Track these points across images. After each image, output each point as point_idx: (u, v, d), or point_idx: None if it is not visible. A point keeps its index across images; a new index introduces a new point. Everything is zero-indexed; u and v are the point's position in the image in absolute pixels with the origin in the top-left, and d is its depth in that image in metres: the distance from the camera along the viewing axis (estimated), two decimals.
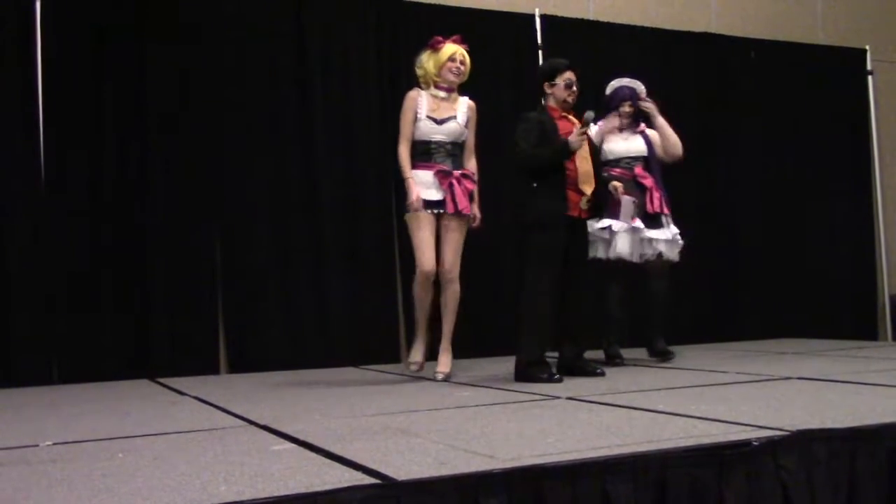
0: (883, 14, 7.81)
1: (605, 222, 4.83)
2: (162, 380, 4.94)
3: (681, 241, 5.05)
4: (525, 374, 4.22)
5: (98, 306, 5.15)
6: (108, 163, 5.23)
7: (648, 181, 4.98)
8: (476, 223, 4.48)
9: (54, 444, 2.84)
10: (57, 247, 5.08)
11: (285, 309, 5.58)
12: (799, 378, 4.06)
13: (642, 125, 5.15)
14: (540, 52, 6.43)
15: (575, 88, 4.49)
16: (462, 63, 4.46)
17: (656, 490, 2.22)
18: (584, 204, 4.42)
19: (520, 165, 4.40)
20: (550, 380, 4.12)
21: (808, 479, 2.39)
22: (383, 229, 5.81)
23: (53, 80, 5.13)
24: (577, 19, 6.59)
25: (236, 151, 5.53)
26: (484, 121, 4.63)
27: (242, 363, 5.43)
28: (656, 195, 4.97)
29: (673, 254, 5.02)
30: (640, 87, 5.12)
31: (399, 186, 4.73)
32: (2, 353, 4.94)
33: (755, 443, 2.38)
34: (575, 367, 4.42)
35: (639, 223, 4.87)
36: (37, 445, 2.82)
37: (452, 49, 4.44)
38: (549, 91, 4.51)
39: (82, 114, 5.19)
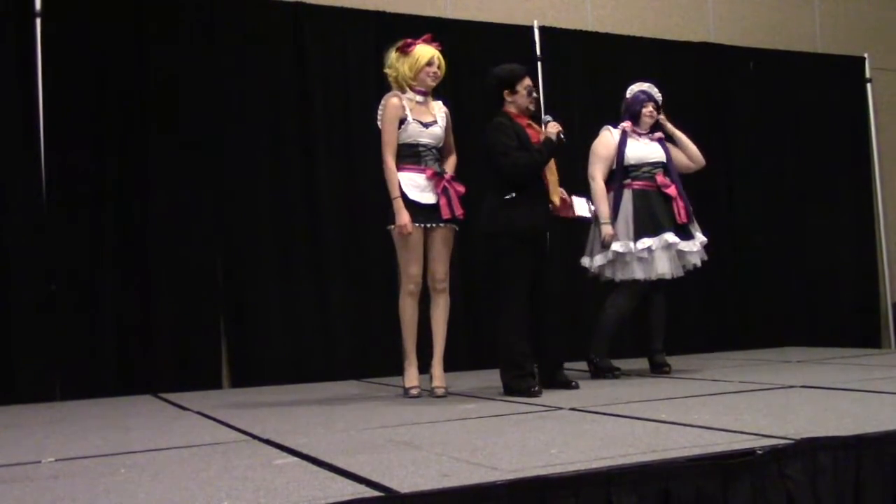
0: (881, 22, 7.83)
1: (645, 242, 4.79)
2: (164, 395, 4.93)
3: (705, 240, 5.01)
4: (510, 387, 4.18)
5: (100, 322, 5.15)
6: (108, 179, 5.24)
7: (672, 190, 4.92)
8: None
9: (56, 460, 2.83)
10: (58, 262, 5.08)
11: (287, 323, 5.57)
12: (803, 386, 4.05)
13: (660, 133, 5.10)
14: (539, 63, 6.45)
15: (534, 94, 4.43)
16: (439, 67, 4.38)
17: (660, 500, 2.21)
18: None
19: (511, 175, 4.20)
20: (531, 394, 4.05)
21: (813, 487, 2.39)
22: (385, 242, 5.80)
23: (53, 96, 5.14)
24: (575, 31, 6.61)
25: (238, 165, 5.54)
26: (480, 132, 4.60)
27: (245, 378, 5.42)
28: (681, 204, 4.91)
29: (701, 258, 5.01)
30: (657, 94, 5.11)
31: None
32: (4, 370, 4.94)
33: (760, 452, 2.37)
34: (553, 381, 4.34)
35: (674, 237, 4.82)
36: (39, 462, 2.81)
37: (429, 53, 4.35)
38: (509, 99, 4.37)
39: (83, 129, 5.20)
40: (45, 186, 5.10)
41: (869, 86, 7.62)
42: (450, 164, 4.46)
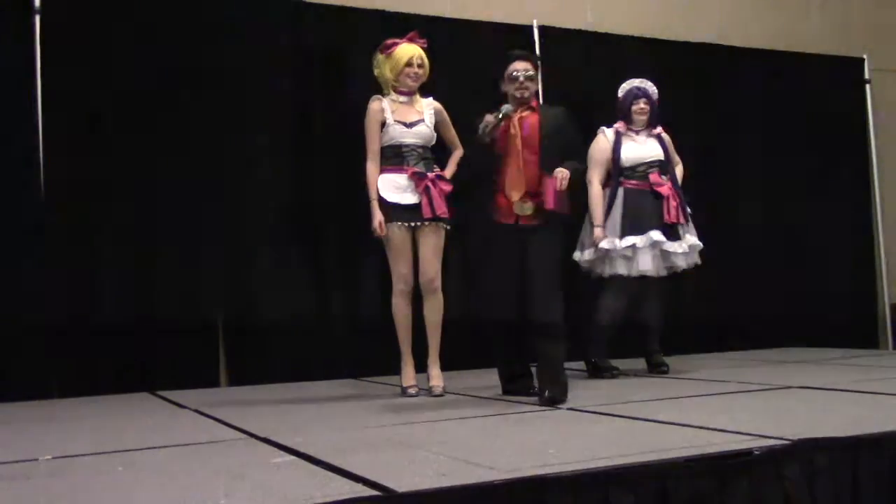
0: (881, 23, 7.83)
1: (629, 240, 4.80)
2: (162, 393, 4.92)
3: (699, 245, 5.00)
4: (506, 390, 4.15)
5: (97, 319, 5.14)
6: (107, 177, 5.23)
7: (664, 189, 4.90)
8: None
9: (54, 458, 2.83)
10: (56, 260, 5.07)
11: (285, 321, 5.56)
12: (800, 387, 4.05)
13: (658, 128, 5.09)
14: (538, 63, 6.43)
15: (522, 79, 4.04)
16: (420, 66, 4.35)
17: (658, 500, 2.21)
18: (520, 210, 3.98)
19: (473, 183, 4.18)
20: (528, 394, 3.99)
21: (810, 488, 2.39)
22: (381, 242, 5.81)
23: (52, 93, 5.12)
24: (575, 30, 6.60)
25: (237, 164, 5.53)
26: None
27: (243, 376, 5.41)
28: (672, 204, 4.88)
29: (691, 262, 5.00)
30: (652, 89, 5.09)
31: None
32: (1, 367, 4.93)
33: (757, 452, 2.37)
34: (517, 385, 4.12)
35: (659, 236, 4.82)
36: (36, 460, 2.81)
37: (409, 53, 4.33)
38: (504, 90, 4.13)
39: (81, 127, 5.19)
40: (44, 184, 5.09)
41: (868, 87, 7.62)
42: (453, 159, 4.46)
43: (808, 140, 7.30)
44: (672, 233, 4.90)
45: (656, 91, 5.12)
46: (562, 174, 3.90)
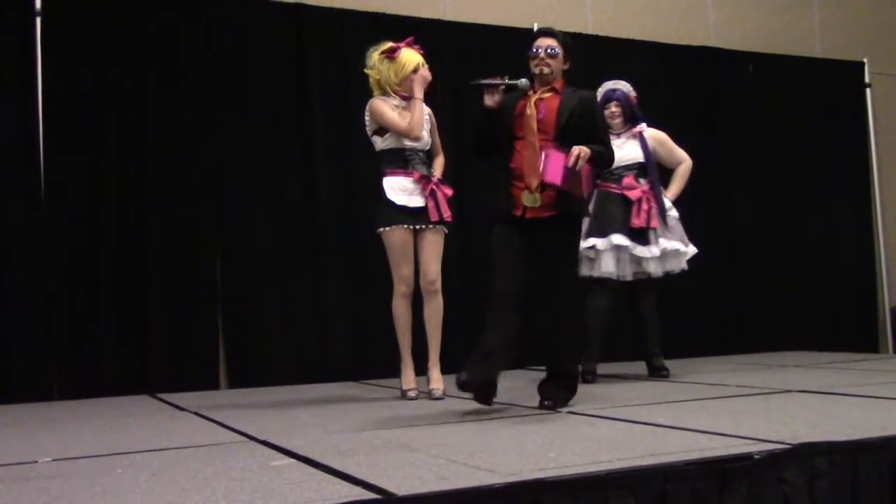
0: (880, 27, 7.84)
1: (590, 241, 4.75)
2: (161, 395, 4.92)
3: (683, 250, 4.91)
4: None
5: (98, 321, 5.14)
6: (107, 178, 5.23)
7: (635, 193, 4.80)
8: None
9: (53, 460, 2.83)
10: (56, 262, 5.07)
11: (285, 323, 5.57)
12: (800, 391, 4.05)
13: (641, 126, 5.00)
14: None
15: (542, 55, 3.75)
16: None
17: None
18: (529, 201, 3.61)
19: (469, 154, 3.92)
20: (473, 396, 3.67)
21: (810, 492, 2.39)
22: (381, 244, 5.81)
23: (53, 94, 5.13)
24: (575, 34, 6.59)
25: (237, 166, 5.53)
26: None
27: (242, 378, 5.41)
28: (643, 208, 4.78)
29: (673, 266, 4.91)
30: (625, 89, 5.01)
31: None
32: (1, 369, 4.93)
33: (757, 456, 2.37)
34: (541, 391, 3.79)
35: (625, 240, 4.73)
36: (36, 462, 2.81)
37: (416, 59, 4.35)
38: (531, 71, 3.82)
39: (82, 128, 5.19)
40: (44, 185, 5.09)
41: (868, 90, 7.62)
42: (437, 166, 4.46)
43: (809, 143, 7.32)
44: (640, 237, 4.80)
45: (630, 89, 5.02)
46: (580, 150, 3.52)
